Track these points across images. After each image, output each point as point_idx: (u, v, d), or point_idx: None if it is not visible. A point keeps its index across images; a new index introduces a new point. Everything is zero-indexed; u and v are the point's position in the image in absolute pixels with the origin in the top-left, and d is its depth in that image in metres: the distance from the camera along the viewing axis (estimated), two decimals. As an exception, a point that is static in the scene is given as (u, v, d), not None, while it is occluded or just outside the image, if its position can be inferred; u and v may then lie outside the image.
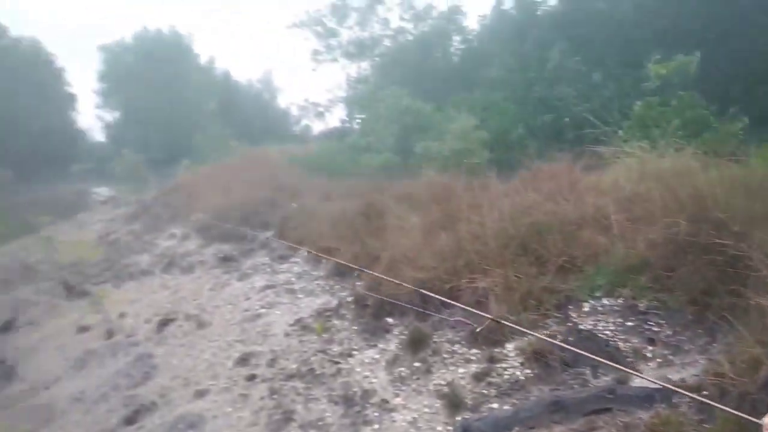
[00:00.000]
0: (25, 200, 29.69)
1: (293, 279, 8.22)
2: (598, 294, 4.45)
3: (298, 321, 6.71)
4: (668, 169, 5.58)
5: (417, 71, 37.06)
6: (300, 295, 7.59)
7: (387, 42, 42.60)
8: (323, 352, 5.75)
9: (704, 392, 3.24)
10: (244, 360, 6.25)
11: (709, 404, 3.05)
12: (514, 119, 16.69)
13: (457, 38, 40.08)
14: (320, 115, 46.68)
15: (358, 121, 39.13)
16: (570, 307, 4.45)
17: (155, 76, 57.33)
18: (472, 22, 37.55)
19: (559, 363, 3.85)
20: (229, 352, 6.57)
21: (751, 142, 7.40)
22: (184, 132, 47.05)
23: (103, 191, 30.22)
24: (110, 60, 64.48)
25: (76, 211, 23.80)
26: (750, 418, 2.11)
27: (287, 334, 6.50)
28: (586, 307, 4.38)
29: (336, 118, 45.33)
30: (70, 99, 64.72)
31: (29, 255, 16.79)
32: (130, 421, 5.86)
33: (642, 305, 4.10)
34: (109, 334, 8.41)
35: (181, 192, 16.79)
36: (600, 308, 4.34)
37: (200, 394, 5.85)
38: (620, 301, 4.29)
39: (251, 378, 5.81)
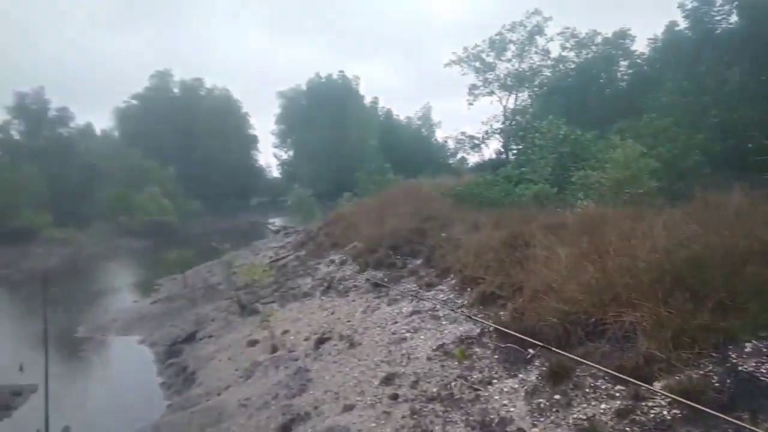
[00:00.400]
0: (212, 229, 34.03)
1: (438, 306, 8.41)
2: (763, 334, 3.98)
3: (441, 346, 6.86)
4: None
5: (578, 99, 35.83)
6: (444, 322, 7.74)
7: (547, 72, 41.91)
8: (463, 378, 5.82)
9: None
10: (388, 380, 6.54)
11: None
12: (686, 146, 15.34)
13: (623, 63, 38.12)
14: (476, 148, 47.05)
15: (514, 152, 38.72)
16: (729, 347, 4.03)
17: (324, 118, 62.50)
18: (640, 46, 35.46)
19: (712, 405, 3.51)
20: (375, 372, 6.92)
21: None
22: (348, 167, 50.43)
23: (276, 222, 33.56)
24: (286, 104, 71.74)
25: (252, 238, 26.72)
26: None
27: (430, 359, 6.68)
28: (748, 348, 3.94)
29: (491, 150, 45.15)
30: (253, 140, 73.20)
31: (212, 276, 19.22)
32: (285, 428, 6.42)
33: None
34: (274, 348, 9.30)
35: (342, 222, 18.01)
36: (765, 350, 3.87)
37: (348, 408, 6.23)
38: (790, 342, 3.80)
39: (394, 397, 6.06)
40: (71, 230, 39.77)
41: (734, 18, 25.42)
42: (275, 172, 75.67)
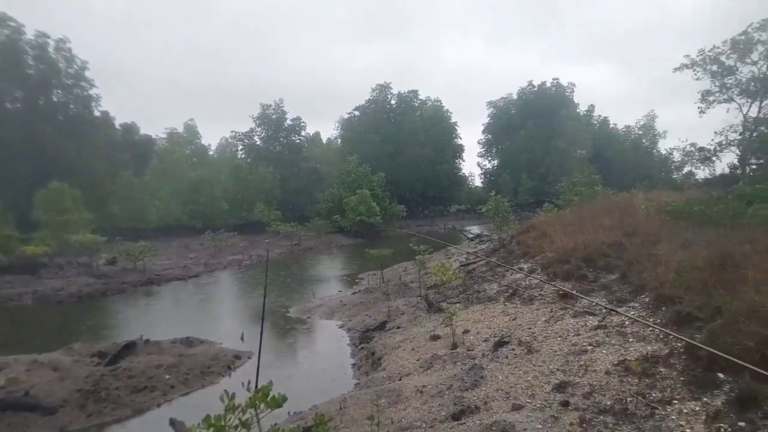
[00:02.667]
0: (412, 231, 35.75)
1: (626, 322, 7.91)
2: None
3: (623, 362, 6.50)
4: None
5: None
6: (631, 339, 7.28)
7: (805, 77, 35.66)
8: (642, 395, 5.48)
9: None
10: (561, 387, 6.42)
11: None
12: None
13: None
14: (706, 161, 41.83)
15: (753, 167, 33.64)
16: None
17: (532, 127, 61.47)
18: None
19: None
20: (549, 378, 6.83)
21: None
22: (552, 178, 48.88)
23: (472, 229, 33.98)
24: (495, 114, 72.13)
25: (447, 243, 27.55)
26: None
27: (608, 372, 6.39)
28: None
29: (725, 164, 39.71)
30: (459, 149, 75.12)
31: (406, 275, 20.36)
32: (456, 417, 6.70)
33: None
34: (453, 345, 9.65)
35: (536, 232, 17.67)
36: None
37: (516, 407, 6.28)
38: None
39: (565, 404, 5.95)
40: (294, 225, 45.38)
41: None
42: (477, 181, 76.53)
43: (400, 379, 8.86)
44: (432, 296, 14.15)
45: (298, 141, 67.83)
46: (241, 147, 69.38)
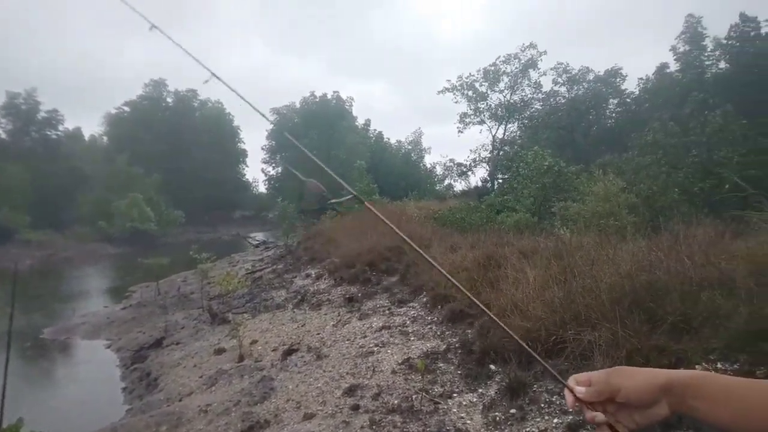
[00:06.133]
0: (192, 239, 33.75)
1: (408, 322, 8.42)
2: (712, 357, 4.06)
3: (407, 361, 6.85)
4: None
5: (566, 133, 36.38)
6: (412, 338, 7.74)
7: (537, 105, 42.69)
8: (425, 391, 5.81)
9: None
10: (351, 391, 6.50)
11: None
12: (666, 184, 15.65)
13: (613, 101, 38.91)
14: (463, 175, 47.51)
15: (499, 180, 39.15)
16: (680, 367, 4.10)
17: (314, 136, 62.76)
18: (630, 85, 36.34)
19: (663, 425, 3.55)
20: (339, 383, 6.87)
21: None
22: (334, 186, 50.66)
23: (257, 236, 33.38)
24: (279, 121, 71.88)
25: (231, 251, 26.58)
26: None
27: (394, 372, 6.66)
28: (698, 369, 4.01)
29: (478, 177, 45.64)
30: (242, 154, 73.26)
31: (186, 285, 19.01)
32: (244, 434, 6.35)
33: (761, 373, 3.67)
34: (240, 357, 9.20)
35: (322, 238, 18.01)
36: (713, 371, 3.95)
37: (308, 417, 6.16)
38: (736, 366, 3.87)
39: (355, 408, 6.02)
40: (48, 232, 39.21)
41: (723, 64, 26.23)
42: (262, 188, 75.50)
43: (180, 400, 8.13)
44: (216, 307, 13.39)
45: (54, 136, 58.87)
46: (-24, 140, 57.64)
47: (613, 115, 38.62)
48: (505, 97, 43.35)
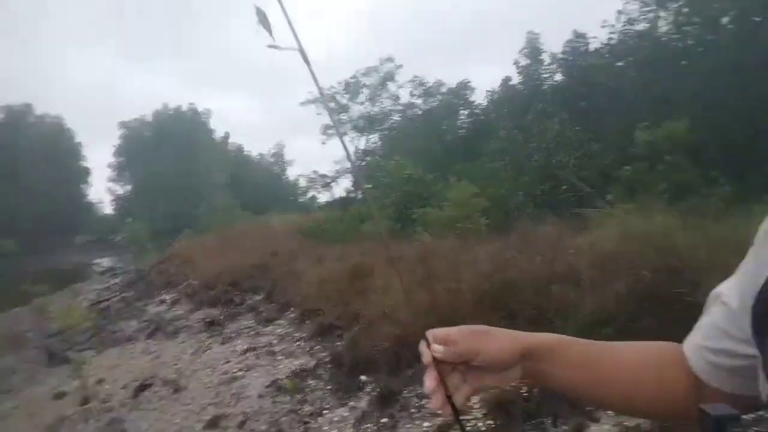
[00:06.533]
0: (27, 270, 29.88)
1: (275, 341, 8.02)
2: (565, 344, 4.29)
3: (274, 382, 6.48)
4: (647, 228, 5.57)
5: (424, 143, 38.00)
6: (280, 357, 7.37)
7: (396, 116, 44.16)
8: (295, 412, 5.50)
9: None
10: (214, 422, 5.97)
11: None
12: (513, 187, 16.81)
13: (464, 112, 41.45)
14: (327, 186, 47.64)
15: (363, 191, 39.75)
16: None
17: (168, 151, 59.14)
18: (479, 97, 38.82)
19: (520, 414, 3.64)
20: (200, 415, 6.30)
21: (734, 205, 7.40)
22: (191, 203, 47.94)
23: (103, 261, 30.43)
24: (128, 135, 66.72)
25: (73, 280, 23.87)
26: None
27: (261, 396, 6.26)
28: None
29: (342, 188, 46.01)
30: (84, 173, 66.74)
31: (19, 324, 16.63)
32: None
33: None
34: (85, 400, 8.12)
35: (178, 260, 16.81)
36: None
37: (165, 458, 5.57)
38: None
39: (219, 441, 5.55)
40: None
41: (558, 76, 29.01)
42: (108, 208, 69.30)
43: (11, 457, 6.97)
44: (56, 345, 11.78)
45: None
46: None
47: (464, 125, 41.17)
48: (365, 108, 44.31)
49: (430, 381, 0.81)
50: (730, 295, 0.73)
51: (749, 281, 0.69)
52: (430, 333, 0.85)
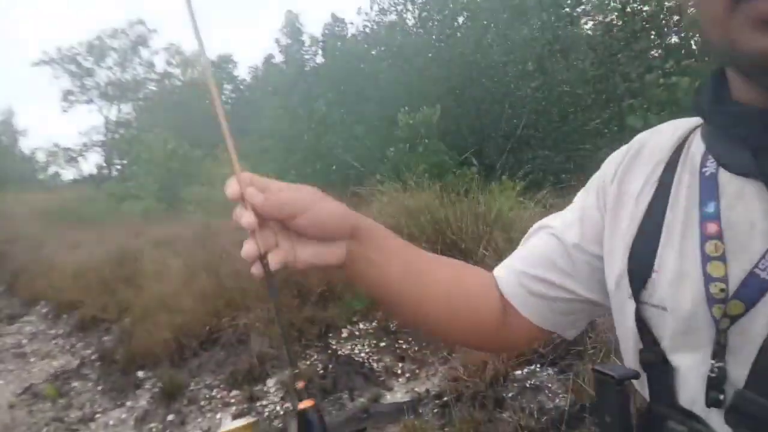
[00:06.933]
0: None
1: (24, 341, 6.94)
2: (355, 319, 4.63)
3: (28, 389, 5.64)
4: (414, 204, 6.23)
5: (185, 116, 35.79)
6: (32, 359, 6.42)
7: (152, 86, 40.53)
8: (59, 420, 4.90)
9: (444, 398, 3.53)
10: (-52, 448, 4.99)
11: (449, 408, 3.37)
12: (284, 166, 17.01)
13: (228, 87, 39.99)
14: (73, 161, 41.95)
15: (118, 167, 35.98)
16: (330, 334, 4.53)
17: None
18: (243, 72, 37.89)
19: (318, 391, 3.85)
20: (-74, 443, 5.19)
21: (481, 185, 8.74)
22: None
23: None
24: None
25: None
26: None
27: (13, 406, 5.40)
28: (345, 333, 4.51)
29: (92, 164, 40.99)
30: None
31: None
32: None
33: (393, 325, 4.37)
34: None
35: None
36: (357, 333, 4.50)
37: None
38: (374, 324, 4.51)
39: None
40: None
41: (320, 58, 29.81)
42: None
43: None
44: None
45: None
46: None
47: (230, 101, 39.91)
48: (114, 74, 39.77)
49: (246, 218, 0.61)
50: (564, 231, 0.73)
51: (596, 223, 0.70)
52: (246, 175, 0.65)
